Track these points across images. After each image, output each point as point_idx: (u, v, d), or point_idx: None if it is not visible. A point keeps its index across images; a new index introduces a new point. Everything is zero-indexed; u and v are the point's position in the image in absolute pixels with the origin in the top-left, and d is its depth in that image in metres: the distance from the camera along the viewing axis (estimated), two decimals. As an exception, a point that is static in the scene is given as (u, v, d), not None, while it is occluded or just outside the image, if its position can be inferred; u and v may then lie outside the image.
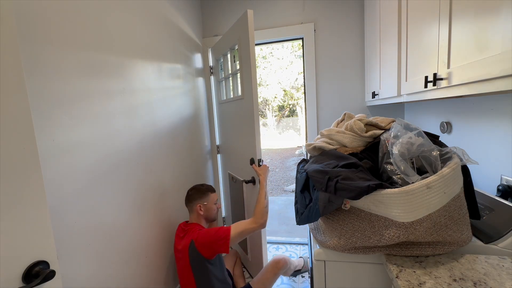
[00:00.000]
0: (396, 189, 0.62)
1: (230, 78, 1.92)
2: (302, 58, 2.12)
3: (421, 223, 0.63)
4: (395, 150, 0.70)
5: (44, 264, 0.60)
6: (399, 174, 0.68)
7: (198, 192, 1.45)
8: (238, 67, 1.70)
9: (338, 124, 1.10)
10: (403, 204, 0.62)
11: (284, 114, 12.44)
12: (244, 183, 1.70)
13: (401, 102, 1.33)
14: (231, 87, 1.96)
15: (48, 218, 0.61)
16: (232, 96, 1.93)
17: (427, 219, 0.63)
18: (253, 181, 1.63)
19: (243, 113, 1.65)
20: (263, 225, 1.27)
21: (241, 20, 1.53)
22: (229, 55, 1.90)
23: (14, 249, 0.55)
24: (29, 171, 0.58)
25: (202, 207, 1.41)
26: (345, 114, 1.10)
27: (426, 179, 0.62)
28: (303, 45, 2.08)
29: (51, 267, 0.61)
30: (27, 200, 0.57)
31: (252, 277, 1.89)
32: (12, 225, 0.55)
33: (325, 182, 0.70)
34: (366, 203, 0.68)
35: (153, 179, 1.44)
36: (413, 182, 0.63)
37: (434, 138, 0.80)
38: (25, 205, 0.57)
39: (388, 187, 0.64)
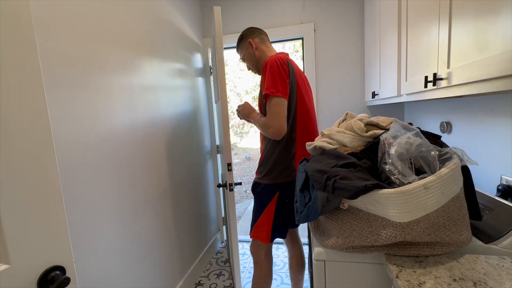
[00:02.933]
0: (392, 189, 0.62)
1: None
2: (302, 58, 2.12)
3: (418, 223, 0.62)
4: (393, 150, 0.70)
5: (60, 269, 0.58)
6: (396, 175, 0.68)
7: None
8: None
9: (340, 124, 1.10)
10: (400, 204, 0.62)
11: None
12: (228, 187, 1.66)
13: (401, 102, 1.33)
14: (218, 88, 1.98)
15: (65, 220, 0.59)
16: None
17: (424, 220, 0.63)
18: (225, 185, 1.58)
19: (219, 114, 1.67)
20: (274, 136, 1.16)
21: (211, 19, 1.52)
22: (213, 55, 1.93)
23: (30, 253, 0.53)
24: (46, 170, 0.56)
25: None
26: (346, 113, 1.10)
27: (424, 179, 0.62)
28: (303, 45, 2.08)
29: (68, 273, 0.59)
30: (44, 201, 0.55)
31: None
32: (29, 227, 0.53)
33: (323, 182, 0.70)
34: (364, 202, 0.68)
35: (153, 179, 1.44)
36: (410, 183, 0.63)
37: (435, 139, 0.80)
38: (42, 206, 0.55)
39: (385, 187, 0.64)
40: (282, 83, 1.13)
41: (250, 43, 1.31)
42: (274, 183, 1.21)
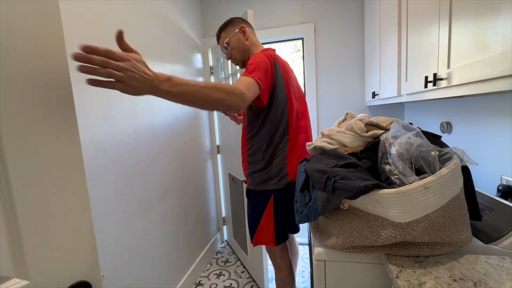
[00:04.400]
0: (393, 190, 0.62)
1: (230, 78, 1.92)
2: (302, 58, 2.12)
3: (418, 223, 0.62)
4: (393, 150, 0.70)
5: (86, 285, 0.52)
6: (397, 175, 0.68)
7: None
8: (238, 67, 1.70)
9: (340, 124, 1.10)
10: (400, 205, 0.62)
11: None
12: (244, 183, 1.70)
13: (401, 102, 1.33)
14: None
15: (92, 230, 0.53)
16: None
17: (425, 220, 0.63)
18: None
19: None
20: (237, 105, 0.87)
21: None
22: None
23: (52, 267, 0.48)
24: (71, 174, 0.51)
25: None
26: (347, 114, 1.10)
27: (424, 179, 0.62)
28: (303, 45, 2.09)
29: None
30: (69, 209, 0.50)
31: (252, 277, 1.90)
32: (51, 239, 0.48)
33: (323, 182, 0.70)
34: (364, 203, 0.68)
35: (153, 179, 1.44)
36: (410, 183, 0.63)
37: (435, 139, 0.80)
38: (67, 215, 0.50)
39: (385, 187, 0.64)
40: (265, 78, 1.02)
41: (243, 29, 1.19)
42: (267, 190, 1.18)
